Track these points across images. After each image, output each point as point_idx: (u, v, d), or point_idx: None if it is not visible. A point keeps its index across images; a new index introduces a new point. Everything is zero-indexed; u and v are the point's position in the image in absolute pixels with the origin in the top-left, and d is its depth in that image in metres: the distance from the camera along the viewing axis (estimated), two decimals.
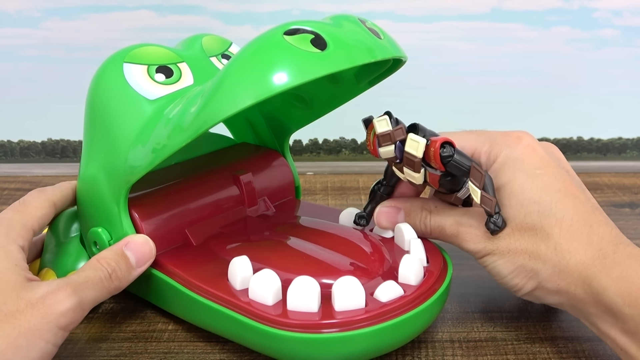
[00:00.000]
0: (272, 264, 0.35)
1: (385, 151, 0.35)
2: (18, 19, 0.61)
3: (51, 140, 0.66)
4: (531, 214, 0.33)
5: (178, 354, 0.36)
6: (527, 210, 0.33)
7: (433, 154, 0.33)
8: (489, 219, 0.33)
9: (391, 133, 0.34)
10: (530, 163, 0.34)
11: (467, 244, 0.35)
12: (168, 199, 0.40)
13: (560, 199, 0.33)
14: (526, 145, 0.35)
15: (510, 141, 0.35)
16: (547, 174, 0.34)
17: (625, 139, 0.65)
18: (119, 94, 0.36)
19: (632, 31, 0.61)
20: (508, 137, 0.36)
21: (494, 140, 0.36)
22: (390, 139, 0.34)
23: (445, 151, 0.33)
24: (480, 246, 0.35)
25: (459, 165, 0.33)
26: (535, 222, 0.33)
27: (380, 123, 0.34)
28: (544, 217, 0.33)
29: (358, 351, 0.32)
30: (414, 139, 0.33)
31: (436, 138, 0.33)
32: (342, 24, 0.33)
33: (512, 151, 0.35)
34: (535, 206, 0.33)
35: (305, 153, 0.66)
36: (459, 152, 0.33)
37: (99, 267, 0.34)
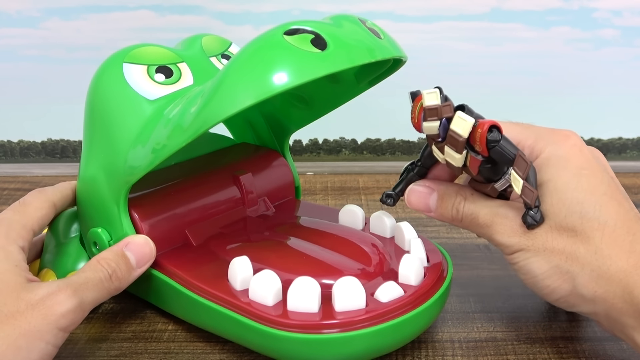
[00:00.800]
0: (273, 264, 0.35)
1: (429, 126, 0.33)
2: (18, 19, 0.61)
3: (51, 140, 0.66)
4: (573, 214, 0.32)
5: (178, 354, 0.36)
6: (569, 209, 0.32)
7: (479, 136, 0.31)
8: (527, 211, 0.32)
9: (439, 108, 0.32)
10: (576, 163, 0.33)
11: (500, 236, 0.33)
12: (168, 199, 0.40)
13: (604, 203, 0.32)
14: (573, 144, 0.34)
15: (557, 138, 0.34)
16: (593, 176, 0.33)
17: (625, 139, 0.65)
18: (119, 94, 0.36)
19: (632, 31, 0.61)
20: (555, 134, 0.34)
21: (539, 135, 0.34)
22: (437, 114, 0.32)
23: (492, 135, 0.31)
24: (514, 240, 0.33)
25: (504, 151, 0.31)
26: (576, 223, 0.32)
27: (429, 96, 0.32)
28: (586, 219, 0.31)
29: (358, 351, 0.32)
30: (462, 117, 0.31)
31: (484, 120, 0.31)
32: (342, 24, 0.33)
33: (557, 148, 0.33)
34: (578, 206, 0.32)
35: (305, 153, 0.66)
36: (506, 139, 0.31)
37: (99, 268, 0.34)
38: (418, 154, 0.38)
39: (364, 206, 0.55)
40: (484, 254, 0.47)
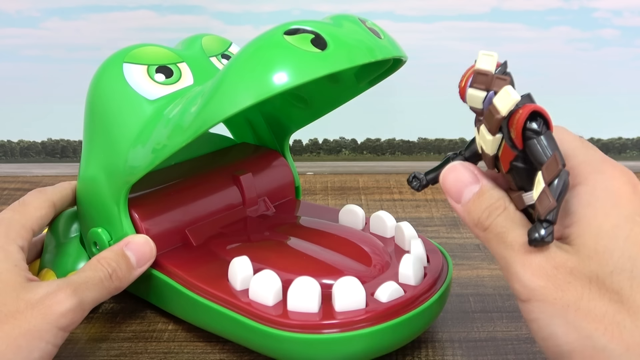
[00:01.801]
0: (273, 264, 0.35)
1: (473, 95, 0.28)
2: (18, 19, 0.61)
3: (51, 140, 0.66)
4: (622, 272, 0.24)
5: (178, 354, 0.36)
6: (616, 265, 0.25)
7: (517, 119, 0.26)
8: (536, 223, 0.25)
9: (491, 76, 0.27)
10: (630, 205, 0.26)
11: (522, 269, 0.26)
12: (168, 199, 0.40)
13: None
14: (627, 181, 0.27)
15: (607, 168, 0.27)
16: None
17: (625, 139, 0.65)
18: (119, 94, 0.36)
19: (632, 31, 0.61)
20: (606, 164, 0.28)
21: (588, 157, 0.28)
22: (486, 83, 0.27)
23: (532, 124, 0.26)
24: (537, 283, 0.25)
25: (539, 148, 0.26)
26: (624, 285, 0.24)
27: (484, 58, 0.27)
28: (637, 283, 0.24)
29: (358, 351, 0.32)
30: (509, 92, 0.26)
31: (531, 105, 0.26)
32: (343, 24, 0.33)
33: (607, 180, 0.27)
34: (629, 263, 0.25)
35: (305, 153, 0.66)
36: (550, 136, 0.26)
37: (99, 268, 0.34)
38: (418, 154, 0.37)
39: (364, 206, 0.55)
40: (484, 254, 0.47)
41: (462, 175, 0.29)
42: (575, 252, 0.25)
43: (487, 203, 0.28)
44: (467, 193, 0.29)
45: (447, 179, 0.30)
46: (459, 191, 0.29)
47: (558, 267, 0.25)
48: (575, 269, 0.25)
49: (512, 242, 0.27)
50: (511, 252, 0.26)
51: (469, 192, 0.29)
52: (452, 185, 0.30)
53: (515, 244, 0.26)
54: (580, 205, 0.26)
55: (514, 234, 0.27)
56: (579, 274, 0.25)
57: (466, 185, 0.29)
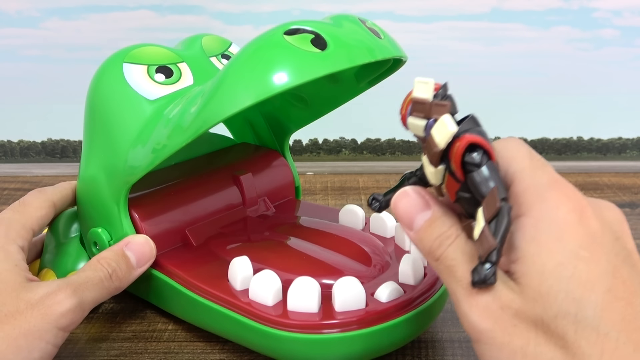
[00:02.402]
0: (273, 264, 0.35)
1: (413, 124, 0.27)
2: (18, 19, 0.61)
3: (51, 140, 0.66)
4: (566, 317, 0.23)
5: (178, 354, 0.36)
6: (560, 308, 0.23)
7: (455, 153, 0.25)
8: (478, 265, 0.24)
9: (429, 104, 0.26)
10: (574, 237, 0.24)
11: (470, 309, 0.25)
12: (168, 199, 0.40)
13: (607, 305, 0.23)
14: (573, 208, 0.25)
15: (552, 195, 0.25)
16: (595, 262, 0.24)
17: (625, 139, 0.65)
18: (119, 94, 0.36)
19: (632, 31, 0.61)
20: (553, 188, 0.25)
21: (532, 183, 0.26)
22: (424, 111, 0.26)
23: (471, 157, 0.25)
24: (485, 324, 0.25)
25: (479, 182, 0.24)
26: (568, 330, 0.23)
27: (420, 86, 0.26)
28: (582, 327, 0.23)
29: (358, 351, 0.32)
30: (445, 123, 0.25)
31: (472, 136, 0.25)
32: (342, 24, 0.33)
33: (550, 209, 0.25)
34: (573, 307, 0.23)
35: (305, 153, 0.66)
36: (492, 168, 0.25)
37: (99, 268, 0.34)
38: (418, 154, 0.37)
39: (364, 206, 0.55)
40: None
41: (413, 201, 0.28)
42: (520, 292, 0.24)
43: (438, 231, 0.27)
44: (419, 220, 0.28)
45: (398, 205, 0.28)
46: (410, 218, 0.28)
47: (504, 307, 0.24)
48: (520, 311, 0.24)
49: (460, 278, 0.26)
50: (460, 289, 0.26)
51: (421, 219, 0.28)
52: (403, 212, 0.28)
53: (463, 280, 0.26)
54: (524, 240, 0.25)
55: (463, 269, 0.26)
56: (525, 316, 0.24)
57: (417, 212, 0.28)
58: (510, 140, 0.27)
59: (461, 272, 0.26)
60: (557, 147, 0.65)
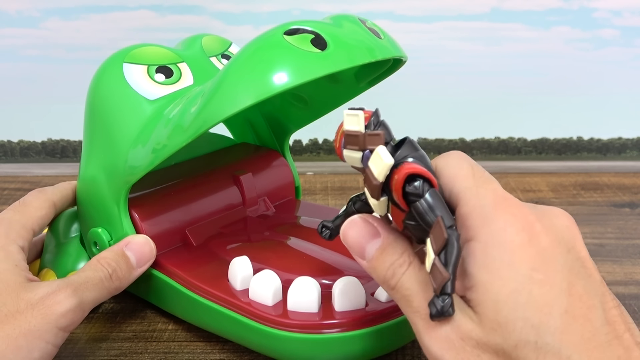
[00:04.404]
0: (273, 264, 0.35)
1: (350, 157, 0.26)
2: (18, 19, 0.61)
3: (51, 140, 0.66)
4: (526, 346, 0.23)
5: (178, 354, 0.36)
6: (520, 337, 0.23)
7: (395, 185, 0.24)
8: (434, 297, 0.24)
9: (361, 135, 0.25)
10: (526, 259, 0.24)
11: (430, 340, 0.25)
12: (168, 199, 0.40)
13: (566, 327, 0.23)
14: (521, 228, 0.24)
15: (498, 215, 0.24)
16: (548, 282, 0.23)
17: (625, 139, 0.65)
18: (119, 94, 0.36)
19: (632, 31, 0.61)
20: (499, 208, 0.25)
21: (478, 205, 0.25)
22: (358, 143, 0.25)
23: (413, 187, 0.24)
24: (449, 356, 0.24)
25: (423, 212, 0.24)
26: (530, 358, 0.23)
27: (350, 118, 0.26)
28: (542, 354, 0.23)
29: (358, 351, 0.32)
30: (380, 155, 0.24)
31: (410, 166, 0.24)
32: (342, 24, 0.33)
33: (498, 232, 0.24)
34: (532, 334, 0.23)
35: (305, 153, 0.66)
36: (435, 196, 0.24)
37: (99, 268, 0.34)
38: None
39: None
40: None
41: (362, 230, 0.27)
42: (479, 322, 0.24)
43: (390, 260, 0.26)
44: (370, 249, 0.27)
45: (347, 235, 0.28)
46: (361, 248, 0.27)
47: (465, 338, 0.24)
48: (481, 342, 0.24)
49: (418, 308, 0.25)
50: (418, 319, 0.25)
51: (372, 248, 0.27)
52: (353, 242, 0.28)
53: (421, 310, 0.25)
54: (476, 267, 0.24)
55: (419, 298, 0.25)
56: (485, 347, 0.23)
57: (367, 241, 0.27)
58: (451, 156, 0.27)
59: (417, 302, 0.25)
60: (557, 147, 0.65)
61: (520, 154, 0.65)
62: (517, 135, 0.65)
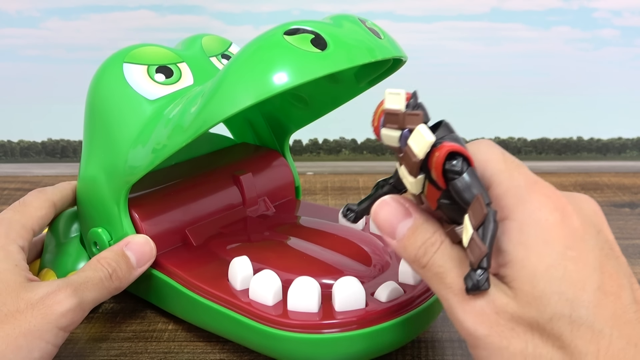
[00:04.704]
0: (273, 264, 0.35)
1: (388, 135, 0.27)
2: (18, 19, 0.61)
3: (51, 140, 0.66)
4: (561, 318, 0.24)
5: (178, 354, 0.36)
6: (555, 310, 0.24)
7: (436, 162, 0.25)
8: (470, 271, 0.24)
9: (402, 114, 0.26)
10: (560, 238, 0.25)
11: (464, 315, 0.25)
12: (168, 199, 0.40)
13: (599, 302, 0.24)
14: (554, 208, 0.25)
15: (533, 197, 0.25)
16: (582, 259, 0.24)
17: (625, 139, 0.65)
18: (119, 94, 0.36)
19: (632, 31, 0.61)
20: (532, 189, 0.26)
21: (512, 186, 0.26)
22: (397, 122, 0.26)
23: (452, 164, 0.25)
24: (482, 330, 0.25)
25: (462, 190, 0.25)
26: (564, 330, 0.23)
27: (391, 97, 0.26)
28: (576, 327, 0.23)
29: (358, 351, 0.32)
30: (421, 132, 0.25)
31: (450, 144, 0.25)
32: (342, 24, 0.33)
33: (532, 211, 0.25)
34: (567, 307, 0.24)
35: (305, 153, 0.66)
36: (473, 174, 0.25)
37: (99, 268, 0.34)
38: None
39: None
40: None
41: (393, 210, 0.28)
42: (514, 297, 0.24)
43: (422, 239, 0.27)
44: (401, 228, 0.27)
45: (378, 215, 0.28)
46: (392, 227, 0.28)
47: (499, 312, 0.24)
48: (515, 315, 0.24)
49: (451, 284, 0.26)
50: (452, 295, 0.26)
51: (403, 227, 0.27)
52: (384, 222, 0.28)
53: (454, 286, 0.25)
54: (511, 244, 0.25)
55: (453, 275, 0.26)
56: (520, 320, 0.24)
57: (399, 221, 0.28)
58: (481, 143, 0.28)
59: (451, 279, 0.26)
60: (557, 147, 0.65)
61: (520, 154, 0.65)
62: (517, 135, 0.65)
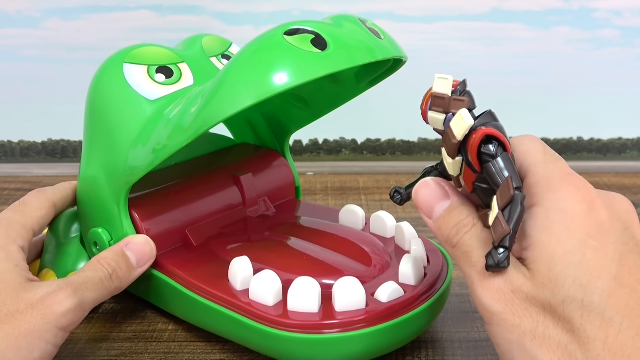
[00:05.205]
0: (273, 264, 0.35)
1: (433, 117, 0.28)
2: (18, 19, 0.61)
3: (51, 140, 0.66)
4: (572, 302, 0.24)
5: (178, 354, 0.36)
6: (568, 293, 0.24)
7: (472, 144, 0.26)
8: (492, 249, 0.26)
9: (447, 98, 0.27)
10: (583, 227, 0.25)
11: (482, 291, 0.26)
12: (168, 199, 0.40)
13: (613, 291, 0.24)
14: (582, 198, 0.26)
15: (562, 186, 0.26)
16: (602, 250, 0.25)
17: (625, 139, 0.65)
18: (119, 94, 0.36)
19: (632, 31, 0.61)
20: (563, 180, 0.27)
21: (544, 175, 0.27)
22: (443, 105, 0.28)
23: (487, 148, 0.26)
24: (497, 306, 0.26)
25: (494, 172, 0.26)
26: (575, 314, 0.24)
27: (439, 81, 0.28)
28: (587, 312, 0.24)
29: (358, 351, 0.32)
30: (462, 116, 0.26)
31: (486, 128, 0.26)
32: (342, 24, 0.33)
33: (561, 200, 0.26)
34: (580, 292, 0.24)
35: (305, 153, 0.66)
36: (507, 159, 0.26)
37: (99, 268, 0.34)
38: (418, 154, 0.37)
39: (364, 206, 0.55)
40: None
41: (433, 191, 0.30)
42: (531, 278, 0.25)
43: (455, 220, 0.29)
44: (438, 209, 0.29)
45: (418, 194, 0.30)
46: (430, 207, 0.30)
47: (515, 291, 0.26)
48: (530, 295, 0.25)
49: (475, 262, 0.27)
50: (474, 272, 0.27)
51: (440, 208, 0.29)
52: (423, 201, 0.30)
53: (478, 264, 0.27)
54: (535, 228, 0.26)
55: (478, 254, 0.27)
56: (534, 300, 0.25)
57: (437, 201, 0.29)
58: (526, 137, 0.29)
59: (476, 257, 0.27)
60: (557, 147, 0.65)
61: None
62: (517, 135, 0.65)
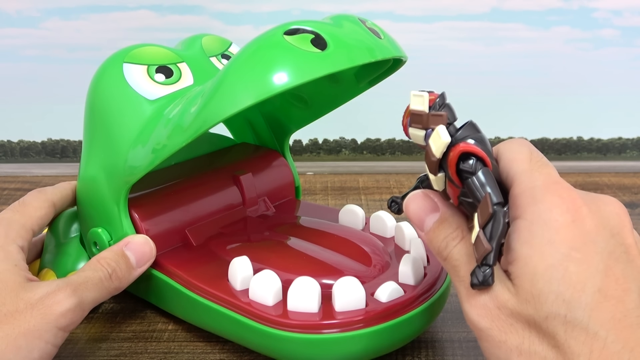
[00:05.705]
0: (273, 264, 0.35)
1: (414, 134, 0.28)
2: (18, 19, 0.61)
3: (51, 140, 0.66)
4: (556, 317, 0.24)
5: (178, 354, 0.36)
6: (551, 309, 0.24)
7: (450, 162, 0.26)
8: (476, 267, 0.25)
9: (425, 115, 0.27)
10: (567, 239, 0.25)
11: (469, 307, 0.27)
12: (168, 199, 0.40)
13: (597, 304, 0.24)
14: (566, 209, 0.25)
15: (546, 197, 0.26)
16: (586, 262, 0.24)
17: (625, 139, 0.65)
18: (119, 94, 0.36)
19: (632, 31, 0.61)
20: (548, 190, 0.26)
21: (528, 187, 0.26)
22: (422, 122, 0.27)
23: (466, 164, 0.26)
24: (484, 323, 0.26)
25: (474, 189, 0.26)
26: (558, 330, 0.24)
27: (416, 99, 0.27)
28: (571, 327, 0.24)
29: (358, 351, 0.32)
30: (439, 133, 0.26)
31: (465, 144, 0.26)
32: (343, 24, 0.33)
33: (544, 211, 0.25)
34: (563, 307, 0.24)
35: (305, 153, 0.66)
36: (487, 174, 0.26)
37: (99, 268, 0.34)
38: (418, 154, 0.37)
39: (364, 206, 0.55)
40: None
41: (423, 204, 0.30)
42: (515, 293, 0.25)
43: (445, 233, 0.28)
44: (428, 222, 0.29)
45: (409, 208, 0.30)
46: (420, 220, 0.30)
47: (501, 307, 0.26)
48: (515, 311, 0.25)
49: (463, 277, 0.27)
50: (462, 288, 0.27)
51: (430, 221, 0.29)
52: (414, 214, 0.30)
53: (465, 280, 0.27)
54: (519, 242, 0.26)
55: (465, 269, 0.27)
56: (519, 316, 0.25)
57: (427, 214, 0.29)
58: (513, 142, 0.29)
59: (464, 272, 0.27)
60: (557, 147, 0.65)
61: None
62: (517, 135, 0.65)
